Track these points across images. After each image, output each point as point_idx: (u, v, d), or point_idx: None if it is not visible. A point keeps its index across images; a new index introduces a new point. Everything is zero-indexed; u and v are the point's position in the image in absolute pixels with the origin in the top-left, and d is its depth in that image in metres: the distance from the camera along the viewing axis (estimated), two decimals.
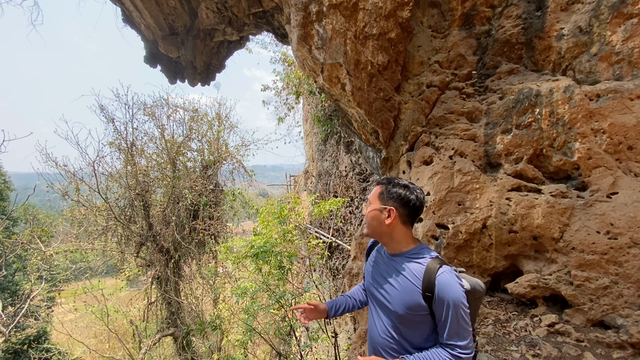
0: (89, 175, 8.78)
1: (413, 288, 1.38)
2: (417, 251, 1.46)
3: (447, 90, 3.00)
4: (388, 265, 1.51)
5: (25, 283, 9.78)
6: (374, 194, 1.53)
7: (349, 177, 6.25)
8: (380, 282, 1.52)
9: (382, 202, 1.47)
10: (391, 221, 1.42)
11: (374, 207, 1.47)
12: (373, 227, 1.49)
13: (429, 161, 2.78)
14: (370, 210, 1.49)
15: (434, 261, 1.39)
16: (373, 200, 1.50)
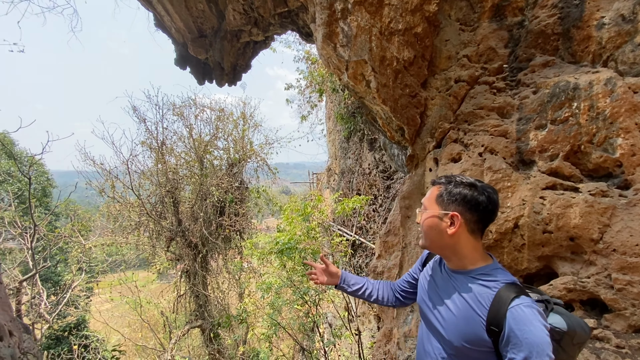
0: (123, 173, 9.28)
1: (475, 317, 1.08)
2: (487, 271, 1.15)
3: (476, 85, 2.90)
4: (447, 282, 1.23)
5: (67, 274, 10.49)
6: (430, 196, 1.25)
7: (372, 174, 6.20)
8: (435, 301, 1.24)
9: (442, 206, 1.18)
10: (455, 230, 1.14)
11: (432, 213, 1.20)
12: (431, 239, 1.21)
13: (457, 158, 2.72)
14: (427, 218, 1.22)
15: (509, 288, 1.07)
16: (430, 205, 1.23)
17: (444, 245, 1.20)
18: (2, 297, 2.52)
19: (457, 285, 1.18)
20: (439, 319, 1.20)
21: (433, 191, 1.26)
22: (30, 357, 2.62)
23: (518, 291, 1.06)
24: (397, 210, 2.89)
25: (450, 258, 1.23)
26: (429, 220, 1.21)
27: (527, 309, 1.01)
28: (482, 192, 1.17)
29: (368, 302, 1.75)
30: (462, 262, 1.19)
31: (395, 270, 2.85)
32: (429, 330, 1.27)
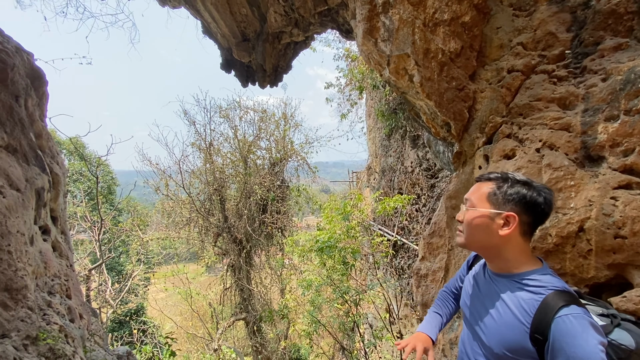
0: (176, 173, 9.98)
1: (517, 324, 1.01)
2: (534, 276, 1.06)
3: (532, 74, 2.66)
4: (489, 286, 1.16)
5: (128, 264, 11.55)
6: (480, 193, 1.15)
7: (415, 173, 5.99)
8: (477, 306, 1.18)
9: (496, 205, 1.09)
10: (509, 232, 1.06)
11: (482, 212, 1.10)
12: (477, 239, 1.13)
13: (511, 155, 2.51)
14: (477, 217, 1.12)
15: (558, 295, 0.97)
16: (479, 202, 1.13)
17: (489, 246, 1.12)
18: (74, 284, 2.81)
19: (500, 290, 1.11)
20: (480, 324, 1.14)
21: (482, 187, 1.17)
22: (97, 339, 2.90)
23: (568, 300, 0.96)
24: (443, 210, 2.75)
25: (493, 260, 1.16)
26: (479, 220, 1.12)
27: (576, 320, 0.91)
28: (540, 192, 1.08)
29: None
30: (507, 265, 1.11)
31: (440, 274, 2.71)
32: (470, 334, 1.22)
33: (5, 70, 2.30)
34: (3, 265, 1.73)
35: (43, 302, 2.15)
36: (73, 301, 2.65)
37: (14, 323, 1.66)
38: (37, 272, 2.21)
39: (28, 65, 2.68)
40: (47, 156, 2.76)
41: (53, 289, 2.40)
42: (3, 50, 2.36)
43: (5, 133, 2.22)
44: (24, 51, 2.69)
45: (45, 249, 2.50)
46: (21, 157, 2.34)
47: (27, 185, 2.29)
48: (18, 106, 2.43)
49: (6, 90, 2.30)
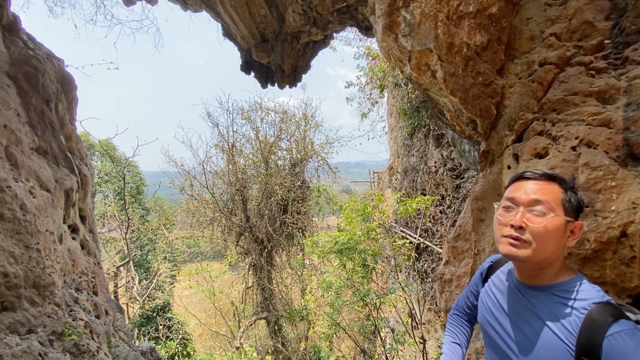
0: (200, 173, 10.24)
1: (559, 345, 0.88)
2: (570, 287, 0.94)
3: (567, 67, 2.47)
4: (517, 300, 1.02)
5: (155, 262, 11.98)
6: (554, 197, 1.00)
7: (439, 173, 5.79)
8: (502, 323, 1.05)
9: (569, 212, 0.98)
10: (574, 242, 0.98)
11: (561, 218, 0.96)
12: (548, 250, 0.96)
13: (544, 154, 2.34)
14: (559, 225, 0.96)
15: (603, 309, 0.86)
16: (556, 207, 0.98)
17: (552, 257, 0.98)
18: (101, 281, 2.91)
19: (533, 304, 0.98)
20: (509, 344, 1.01)
21: (556, 190, 1.02)
22: (122, 334, 2.99)
23: (615, 313, 0.85)
24: (469, 212, 2.62)
25: (536, 271, 1.01)
26: (556, 227, 0.97)
27: (629, 338, 0.80)
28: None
29: None
30: (542, 275, 0.99)
31: (466, 279, 2.58)
32: (495, 354, 1.09)
33: (36, 75, 2.40)
34: (32, 262, 1.79)
35: (70, 298, 2.23)
36: (99, 298, 2.74)
37: (40, 319, 1.72)
38: (65, 270, 2.30)
39: (58, 71, 2.80)
40: (76, 158, 2.87)
41: (80, 286, 2.49)
42: (34, 56, 2.47)
43: (37, 136, 2.32)
44: (54, 57, 2.82)
45: (73, 247, 2.60)
46: (51, 159, 2.44)
47: (57, 186, 2.38)
48: (49, 110, 2.54)
49: (37, 95, 2.41)
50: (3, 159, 1.91)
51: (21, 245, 1.74)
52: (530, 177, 1.09)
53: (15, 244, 1.72)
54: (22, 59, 2.41)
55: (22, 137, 2.16)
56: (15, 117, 2.17)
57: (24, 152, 2.14)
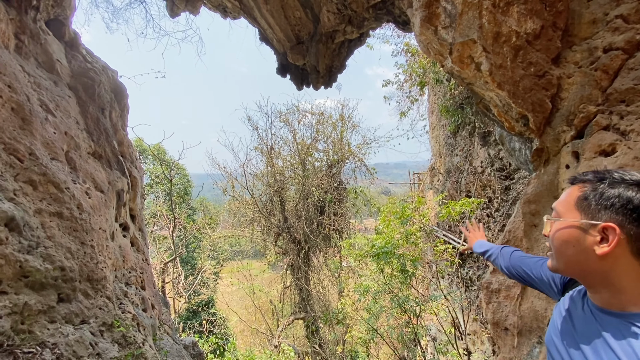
0: (241, 175, 10.63)
1: None
2: None
3: (637, 52, 2.18)
4: (589, 324, 0.87)
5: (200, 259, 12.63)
6: (567, 199, 0.89)
7: (485, 173, 5.42)
8: (570, 349, 0.90)
9: (588, 213, 0.83)
10: (610, 250, 0.77)
11: (570, 222, 0.85)
12: (568, 259, 0.86)
13: (610, 151, 2.08)
14: (562, 229, 0.87)
15: None
16: (566, 211, 0.87)
17: (588, 271, 0.83)
18: (149, 276, 3.10)
19: (606, 332, 0.80)
20: None
21: (573, 192, 0.90)
22: (166, 328, 3.15)
23: None
24: (520, 216, 2.40)
25: (598, 289, 0.85)
26: (566, 232, 0.85)
27: None
28: None
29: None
30: (618, 298, 0.80)
31: (516, 290, 2.36)
32: None
33: (93, 86, 2.62)
34: (86, 258, 1.94)
35: (120, 292, 2.39)
36: (147, 292, 2.91)
37: (93, 310, 1.86)
38: (116, 265, 2.47)
39: (112, 81, 3.03)
40: (127, 161, 3.08)
41: (129, 281, 2.66)
42: (92, 69, 2.69)
43: (93, 141, 2.53)
44: (109, 69, 3.06)
45: (124, 244, 2.79)
46: (105, 163, 2.64)
47: (110, 187, 2.57)
48: (103, 117, 2.75)
49: (94, 104, 2.62)
50: (63, 163, 2.10)
51: (77, 242, 1.89)
52: (570, 182, 0.97)
53: (72, 241, 1.87)
54: (81, 71, 2.65)
55: (80, 142, 2.36)
56: (75, 124, 2.38)
57: (82, 156, 2.34)
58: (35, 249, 1.60)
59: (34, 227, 1.64)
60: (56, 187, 1.84)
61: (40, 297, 1.53)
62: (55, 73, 2.38)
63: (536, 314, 2.20)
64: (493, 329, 2.53)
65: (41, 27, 2.34)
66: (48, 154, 1.92)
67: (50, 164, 1.87)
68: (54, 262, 1.66)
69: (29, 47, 2.18)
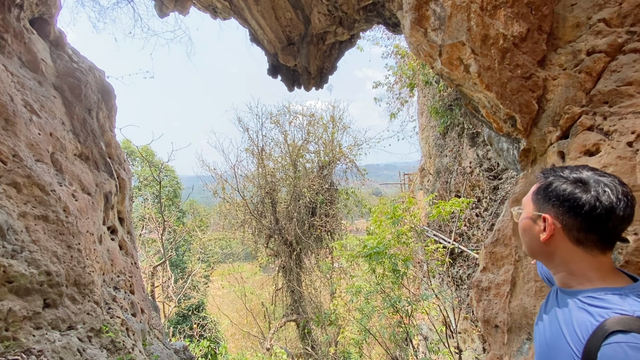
0: (231, 177, 10.55)
1: (566, 350, 0.83)
2: (600, 295, 0.84)
3: (620, 55, 2.25)
4: (553, 302, 1.00)
5: (190, 262, 12.46)
6: (529, 194, 1.04)
7: (474, 174, 5.50)
8: (539, 324, 1.06)
9: (536, 206, 0.97)
10: (547, 237, 0.91)
11: (525, 213, 1.02)
12: (526, 244, 1.03)
13: (594, 151, 2.14)
14: (522, 219, 1.04)
15: (623, 321, 0.77)
16: (526, 204, 1.03)
17: (541, 255, 1.00)
18: (138, 280, 3.04)
19: (558, 307, 0.94)
20: (537, 346, 1.03)
21: (533, 187, 1.04)
22: (156, 332, 3.10)
23: (632, 326, 0.74)
24: (508, 215, 2.44)
25: (554, 272, 1.00)
26: (523, 223, 1.03)
27: (631, 351, 0.71)
28: (590, 188, 0.86)
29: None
30: (569, 279, 0.94)
31: (506, 287, 2.40)
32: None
33: (79, 86, 2.56)
34: (73, 262, 1.89)
35: (108, 296, 2.34)
36: (136, 296, 2.85)
37: (80, 316, 1.81)
38: (104, 269, 2.42)
39: (99, 82, 2.97)
40: (115, 163, 3.02)
41: (118, 285, 2.61)
42: (78, 69, 2.64)
43: (79, 143, 2.47)
44: (96, 69, 3.00)
45: (112, 247, 2.73)
46: (92, 164, 2.58)
47: (97, 190, 2.52)
48: (90, 118, 2.70)
49: (80, 105, 2.56)
50: (49, 165, 2.05)
51: (63, 246, 1.84)
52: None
53: (58, 244, 1.82)
54: (67, 71, 2.59)
55: (66, 144, 2.31)
56: (60, 125, 2.33)
57: (68, 158, 2.28)
58: (20, 253, 1.55)
59: (18, 231, 1.59)
60: (41, 190, 1.79)
61: (25, 303, 1.49)
62: (40, 73, 2.32)
63: (525, 311, 2.24)
64: (484, 326, 2.57)
65: (25, 26, 2.28)
66: (32, 155, 1.87)
67: (34, 166, 1.82)
68: (40, 266, 1.61)
69: (12, 46, 2.12)
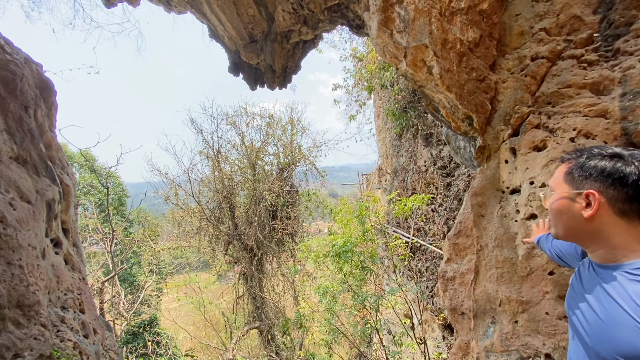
0: (185, 182, 9.95)
1: (630, 323, 0.82)
2: None
3: (559, 60, 2.52)
4: (592, 280, 0.99)
5: (140, 275, 11.51)
6: (557, 175, 1.05)
7: (429, 172, 5.82)
8: (580, 304, 1.01)
9: (573, 185, 0.98)
10: (593, 212, 0.92)
11: (560, 194, 1.00)
12: (564, 225, 1.01)
13: (542, 146, 2.36)
14: (555, 201, 1.02)
15: None
16: (557, 185, 1.03)
17: (582, 233, 0.98)
18: (87, 297, 2.72)
19: (605, 283, 0.93)
20: (583, 324, 0.97)
21: (561, 169, 1.05)
22: (111, 354, 2.80)
23: None
24: (468, 208, 2.60)
25: (593, 249, 1.00)
26: (558, 204, 1.01)
27: None
28: (630, 160, 0.91)
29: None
30: (612, 253, 0.94)
31: (470, 276, 2.55)
32: (576, 337, 1.04)
33: (14, 80, 2.24)
34: (15, 280, 1.64)
35: (56, 317, 2.06)
36: (87, 315, 2.56)
37: (27, 342, 1.57)
38: (49, 287, 2.13)
39: (37, 76, 2.63)
40: (57, 167, 2.69)
41: (66, 304, 2.31)
42: (12, 61, 2.31)
43: (15, 144, 2.16)
44: (33, 62, 2.65)
45: (57, 262, 2.42)
46: (31, 169, 2.27)
47: (38, 197, 2.21)
48: (27, 117, 2.37)
49: (15, 101, 2.24)
50: None
51: (2, 262, 1.58)
52: (560, 162, 1.14)
53: None
54: None
55: (0, 145, 2.00)
56: None
57: (3, 161, 1.97)
58: None
59: None
60: None
61: None
62: None
63: (489, 297, 2.40)
64: (451, 314, 2.70)
65: None
66: None
67: None
68: None
69: None
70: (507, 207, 2.52)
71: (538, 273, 2.24)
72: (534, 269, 2.26)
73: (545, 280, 2.20)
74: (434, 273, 5.32)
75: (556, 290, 2.17)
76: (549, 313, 2.17)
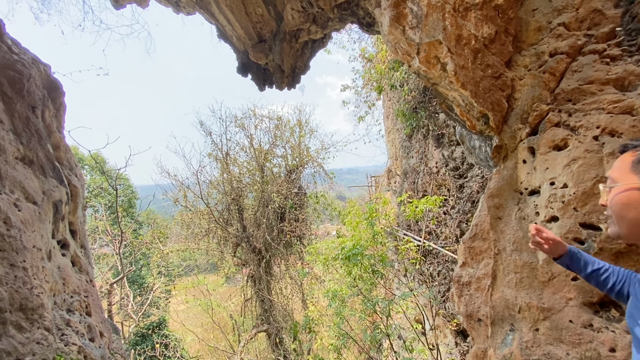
0: (194, 184, 9.98)
1: None
2: None
3: (580, 56, 2.40)
4: None
5: (149, 277, 11.58)
6: (621, 165, 0.92)
7: (440, 173, 5.69)
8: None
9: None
10: None
11: (628, 185, 0.87)
12: (630, 222, 0.87)
13: (563, 145, 2.25)
14: (619, 193, 0.89)
15: None
16: (621, 175, 0.90)
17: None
18: (94, 300, 2.69)
19: None
20: None
21: (625, 158, 0.93)
22: (118, 357, 2.76)
23: None
24: (485, 210, 2.49)
25: None
26: (625, 196, 0.88)
27: None
28: None
29: (600, 290, 1.35)
30: None
31: (487, 281, 2.44)
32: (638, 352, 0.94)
33: (21, 80, 2.23)
34: (17, 283, 1.60)
35: (61, 321, 2.02)
36: (93, 318, 2.52)
37: (28, 346, 1.53)
38: (55, 289, 2.10)
39: (45, 77, 2.62)
40: (65, 168, 2.67)
41: (72, 307, 2.28)
42: (19, 61, 2.30)
43: (22, 144, 2.14)
44: (41, 63, 2.64)
45: (63, 264, 2.39)
46: (38, 169, 2.25)
47: (44, 198, 2.19)
48: (35, 117, 2.35)
49: (22, 101, 2.23)
50: None
51: (5, 264, 1.55)
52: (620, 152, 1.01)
53: None
54: (6, 63, 2.24)
55: (5, 145, 1.98)
56: None
57: (8, 161, 1.95)
58: None
59: None
60: None
61: None
62: None
63: (507, 303, 2.29)
64: (466, 321, 2.59)
65: None
66: None
67: None
68: None
69: None
70: (526, 208, 2.41)
71: (560, 278, 2.12)
72: (556, 274, 2.14)
73: (569, 286, 2.08)
74: (446, 277, 5.18)
75: (580, 297, 2.05)
76: (573, 321, 2.05)
